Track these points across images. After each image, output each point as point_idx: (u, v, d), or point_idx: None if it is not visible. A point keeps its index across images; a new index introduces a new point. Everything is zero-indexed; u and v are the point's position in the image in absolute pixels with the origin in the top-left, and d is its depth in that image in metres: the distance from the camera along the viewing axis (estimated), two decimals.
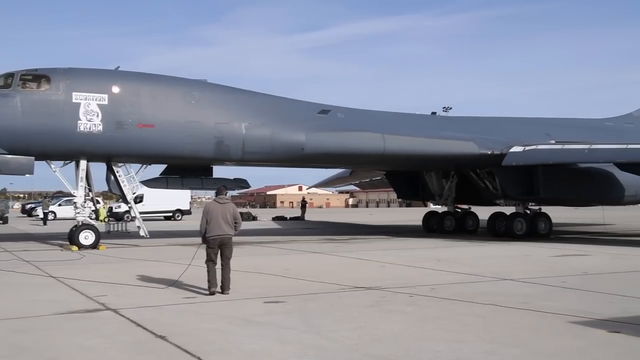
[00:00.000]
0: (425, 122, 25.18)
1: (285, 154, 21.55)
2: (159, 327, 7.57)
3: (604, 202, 26.41)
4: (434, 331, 7.35)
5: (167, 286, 10.85)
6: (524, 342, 6.78)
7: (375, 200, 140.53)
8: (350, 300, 9.58)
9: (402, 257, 16.30)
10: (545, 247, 19.24)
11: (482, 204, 27.82)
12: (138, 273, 12.68)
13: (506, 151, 23.26)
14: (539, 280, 11.63)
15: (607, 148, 22.18)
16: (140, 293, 10.40)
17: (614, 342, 6.75)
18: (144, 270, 13.21)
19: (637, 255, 16.76)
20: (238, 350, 6.53)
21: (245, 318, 8.21)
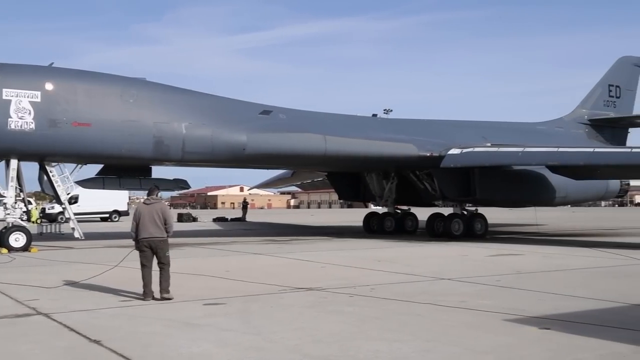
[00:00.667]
0: (366, 124, 25.47)
1: (226, 154, 21.36)
2: (93, 332, 7.35)
3: (537, 203, 27.43)
4: (373, 331, 7.43)
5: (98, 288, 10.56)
6: (460, 340, 6.94)
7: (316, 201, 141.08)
8: (291, 301, 9.58)
9: (342, 258, 16.42)
10: (481, 247, 19.77)
11: (421, 205, 28.37)
12: (71, 276, 12.27)
13: (444, 153, 23.80)
14: (475, 280, 11.94)
15: (539, 151, 23.00)
16: (73, 296, 10.07)
17: (545, 338, 7.00)
18: (77, 273, 12.80)
19: (567, 254, 17.44)
20: (176, 354, 6.41)
21: (184, 321, 8.08)
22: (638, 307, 8.85)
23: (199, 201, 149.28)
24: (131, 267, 11.12)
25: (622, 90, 34.37)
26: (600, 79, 34.29)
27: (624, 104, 34.48)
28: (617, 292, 10.28)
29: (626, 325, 7.55)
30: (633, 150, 21.98)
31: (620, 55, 34.99)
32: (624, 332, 7.22)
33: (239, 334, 7.29)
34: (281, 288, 10.82)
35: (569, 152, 22.45)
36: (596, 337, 6.90)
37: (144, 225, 9.75)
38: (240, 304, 9.31)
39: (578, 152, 22.69)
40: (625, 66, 34.84)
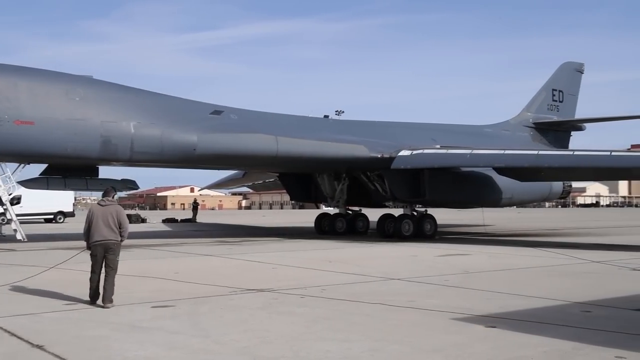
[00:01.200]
0: (318, 125, 25.54)
1: (176, 154, 21.04)
2: (35, 336, 7.12)
3: (484, 204, 28.02)
4: (323, 331, 7.44)
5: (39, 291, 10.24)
6: (409, 339, 7.03)
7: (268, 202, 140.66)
8: (241, 302, 9.50)
9: (294, 259, 16.40)
10: (430, 248, 20.08)
11: (372, 205, 28.59)
12: (12, 279, 11.83)
13: (395, 155, 24.06)
14: (424, 279, 12.11)
15: (486, 153, 23.49)
16: (14, 300, 9.73)
17: (491, 336, 7.15)
18: (18, 276, 12.35)
19: (513, 254, 17.89)
20: (122, 358, 6.28)
21: (130, 324, 7.91)
22: (579, 305, 9.14)
23: (148, 202, 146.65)
24: (76, 269, 10.83)
25: (564, 95, 35.51)
26: (544, 84, 35.35)
27: (567, 108, 35.63)
28: (560, 290, 10.60)
29: (568, 323, 7.79)
30: (575, 153, 22.72)
31: (563, 61, 36.19)
32: (566, 329, 7.45)
33: (187, 337, 7.19)
34: (231, 290, 10.72)
35: (515, 155, 23.02)
36: (540, 335, 7.10)
37: (98, 227, 9.34)
38: (189, 306, 9.19)
39: (523, 154, 23.29)
40: (568, 71, 36.02)
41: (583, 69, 36.77)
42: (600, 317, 8.30)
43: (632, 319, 8.24)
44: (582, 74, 36.77)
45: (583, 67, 36.77)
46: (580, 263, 15.14)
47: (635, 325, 7.68)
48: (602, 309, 8.88)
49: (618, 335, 7.14)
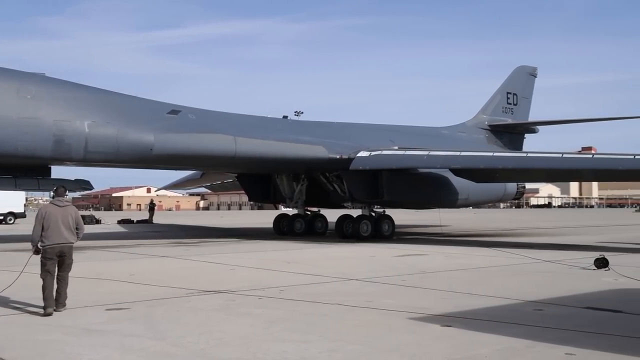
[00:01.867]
0: (277, 126, 25.47)
1: (132, 154, 20.69)
2: None
3: (441, 205, 28.44)
4: (281, 332, 7.43)
5: None
6: (366, 339, 7.07)
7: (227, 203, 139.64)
8: (199, 304, 9.41)
9: (252, 260, 16.32)
10: (388, 248, 20.25)
11: (331, 206, 28.69)
12: None
13: (353, 156, 24.20)
14: (382, 280, 12.21)
15: (443, 155, 23.84)
16: None
17: (446, 335, 7.26)
18: None
19: (469, 254, 18.20)
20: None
21: (84, 327, 7.74)
22: (532, 304, 9.36)
23: (103, 203, 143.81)
24: (28, 272, 10.51)
25: (518, 98, 36.33)
26: (499, 87, 36.09)
27: (521, 110, 36.46)
28: (514, 289, 10.83)
29: (521, 321, 7.97)
30: (528, 155, 23.25)
31: (518, 65, 37.01)
32: (519, 327, 7.62)
33: (143, 340, 7.08)
34: (188, 291, 10.60)
35: (471, 156, 23.43)
36: (494, 333, 7.24)
37: (57, 229, 8.88)
38: (145, 308, 9.04)
39: (479, 156, 23.72)
40: (522, 75, 36.86)
41: (536, 72, 37.69)
42: (552, 315, 8.52)
43: (582, 316, 8.48)
44: (536, 78, 37.69)
45: (536, 71, 37.69)
46: (533, 263, 15.51)
47: (585, 323, 7.90)
48: (554, 307, 9.11)
49: (569, 332, 7.34)
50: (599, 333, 7.27)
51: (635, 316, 8.46)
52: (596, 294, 10.46)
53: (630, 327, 7.63)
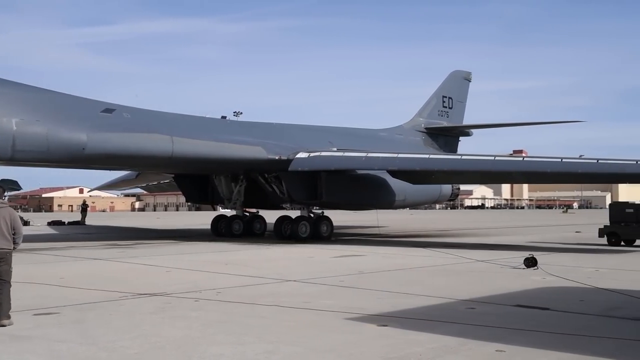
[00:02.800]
0: (215, 126, 25.18)
1: (63, 154, 20.00)
2: None
3: (378, 206, 28.82)
4: (218, 335, 7.34)
5: None
6: (304, 339, 7.08)
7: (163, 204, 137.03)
8: (132, 307, 9.18)
9: (189, 262, 16.07)
10: (326, 249, 20.36)
11: (270, 207, 28.60)
12: None
13: (292, 157, 24.21)
14: (320, 280, 12.26)
15: (381, 156, 24.19)
16: None
17: (382, 335, 7.36)
18: None
19: (405, 254, 18.52)
20: None
21: (10, 333, 7.41)
22: (465, 302, 9.61)
23: (32, 204, 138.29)
24: None
25: (454, 102, 37.26)
26: (435, 91, 36.90)
27: (456, 114, 37.40)
28: (448, 288, 11.09)
29: (454, 320, 8.17)
30: (462, 157, 23.93)
31: (453, 69, 37.95)
32: (452, 325, 7.80)
33: (73, 345, 6.85)
34: (122, 294, 10.34)
35: (408, 158, 23.86)
36: (428, 332, 7.39)
37: None
38: (75, 312, 8.75)
39: (415, 158, 24.19)
40: (457, 79, 37.82)
41: (470, 77, 38.74)
42: (484, 313, 8.77)
43: (512, 314, 8.77)
44: (470, 82, 38.74)
45: (470, 75, 38.74)
46: (467, 262, 15.93)
47: (514, 320, 8.17)
48: (485, 305, 9.38)
49: (499, 330, 7.58)
50: (527, 330, 7.53)
51: (562, 313, 8.81)
52: (525, 292, 10.84)
53: (557, 324, 7.95)
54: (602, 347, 6.72)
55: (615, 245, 21.34)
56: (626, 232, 21.52)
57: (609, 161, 20.24)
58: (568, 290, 11.07)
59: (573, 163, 21.03)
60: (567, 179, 25.06)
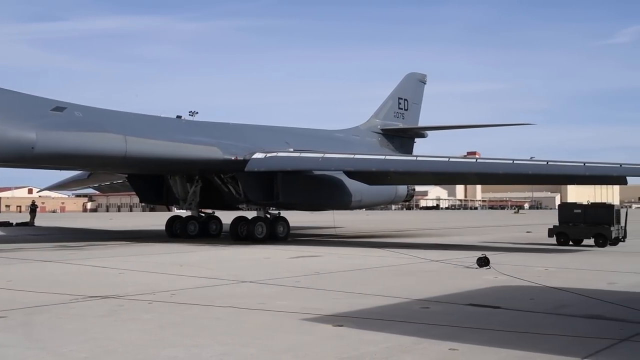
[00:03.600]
0: (171, 126, 24.82)
1: (11, 153, 19.40)
2: None
3: (335, 207, 28.95)
4: (172, 337, 7.23)
5: None
6: (259, 340, 7.04)
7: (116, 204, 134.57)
8: (83, 310, 8.96)
9: (142, 263, 15.80)
10: (283, 250, 20.32)
11: (226, 208, 28.37)
12: None
13: (249, 157, 24.07)
14: (276, 281, 12.22)
15: (337, 157, 24.29)
16: None
17: (338, 335, 7.38)
18: None
19: (361, 255, 18.64)
20: None
21: None
22: (420, 302, 9.72)
23: None
24: None
25: (409, 104, 37.69)
26: (391, 92, 37.25)
27: (411, 116, 37.85)
28: (403, 288, 11.21)
29: (409, 319, 8.25)
30: (418, 158, 24.23)
31: (409, 72, 38.39)
32: (407, 325, 7.89)
33: (20, 350, 6.63)
34: (72, 297, 10.07)
35: (364, 159, 24.02)
36: (383, 332, 7.45)
37: None
38: (23, 316, 8.48)
39: (371, 159, 24.37)
40: (412, 81, 38.27)
41: (426, 79, 39.25)
42: (438, 312, 8.89)
43: (465, 313, 8.91)
44: (425, 85, 39.25)
45: (426, 78, 39.25)
46: (421, 262, 16.13)
47: (467, 319, 8.31)
48: (439, 304, 9.51)
49: (452, 328, 7.69)
50: (480, 328, 7.67)
51: (513, 311, 9.00)
52: (478, 291, 11.04)
53: (509, 322, 8.12)
54: (552, 344, 6.89)
55: (564, 244, 21.96)
56: (574, 232, 22.17)
57: (558, 163, 20.82)
58: (519, 289, 11.33)
59: (524, 165, 21.54)
60: (518, 180, 25.65)
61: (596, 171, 20.58)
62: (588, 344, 6.83)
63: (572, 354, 6.42)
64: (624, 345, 6.88)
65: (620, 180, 21.97)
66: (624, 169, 20.23)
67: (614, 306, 9.32)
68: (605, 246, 21.20)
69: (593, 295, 10.35)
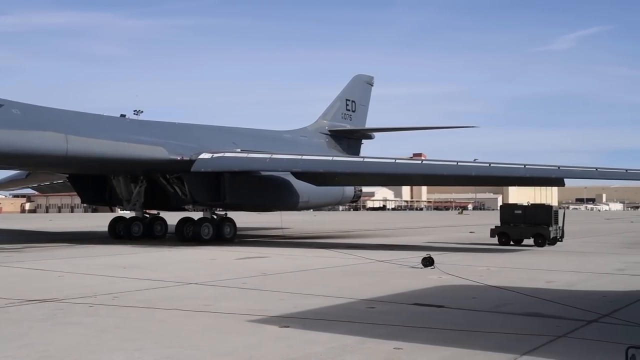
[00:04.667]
0: (114, 125, 24.24)
1: None
2: None
3: (283, 207, 28.89)
4: (113, 341, 7.06)
5: None
6: (203, 343, 6.95)
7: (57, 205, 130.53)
8: (20, 315, 8.64)
9: (84, 266, 15.37)
10: (229, 251, 20.14)
11: (171, 209, 27.90)
12: None
13: (195, 157, 23.76)
14: (222, 283, 12.10)
15: (285, 158, 24.26)
16: None
17: (284, 336, 7.36)
18: None
19: (308, 255, 18.66)
20: None
21: None
22: (365, 302, 9.81)
23: None
24: None
25: (357, 105, 37.99)
26: (338, 94, 37.46)
27: (359, 117, 38.15)
28: (349, 289, 11.28)
29: (354, 319, 8.31)
30: (365, 160, 24.46)
31: (356, 73, 38.69)
32: (352, 325, 7.94)
33: None
34: (8, 301, 9.70)
35: (311, 160, 24.08)
36: (329, 332, 7.47)
37: None
38: None
39: (319, 160, 24.44)
40: (359, 83, 38.59)
41: (373, 81, 39.65)
42: (383, 312, 8.98)
43: (410, 312, 9.04)
44: (372, 86, 39.64)
45: (373, 80, 39.64)
46: (368, 263, 16.27)
47: (411, 318, 8.43)
48: (385, 304, 9.62)
49: (397, 328, 7.79)
50: (424, 327, 7.79)
51: (456, 310, 9.19)
52: (422, 290, 11.22)
53: (451, 321, 8.28)
54: (493, 341, 7.07)
55: (505, 244, 22.57)
56: (515, 232, 22.81)
57: (500, 165, 21.40)
58: (462, 288, 11.58)
59: (467, 166, 22.04)
60: (462, 181, 26.26)
61: (535, 173, 21.26)
62: (527, 341, 7.03)
63: (512, 350, 6.59)
64: (560, 342, 7.12)
65: (559, 182, 22.79)
66: (562, 171, 20.98)
67: (551, 304, 9.63)
68: (544, 246, 21.90)
69: (532, 293, 10.67)
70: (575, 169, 21.13)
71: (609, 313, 8.88)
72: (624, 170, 20.55)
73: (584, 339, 7.22)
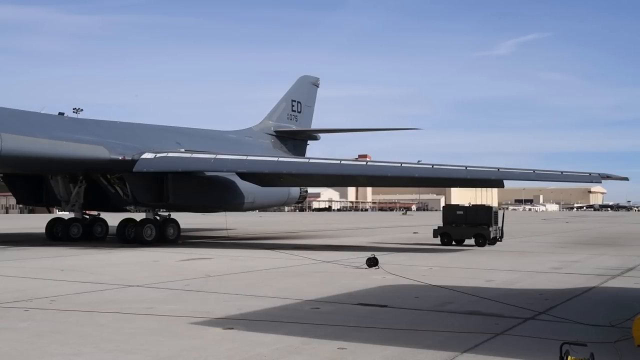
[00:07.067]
0: (52, 123, 23.46)
1: None
2: None
3: (227, 208, 28.63)
4: (50, 346, 6.83)
5: None
6: (145, 347, 6.82)
7: None
8: None
9: (19, 269, 14.82)
10: (173, 252, 19.82)
11: (112, 210, 27.23)
12: None
13: (137, 157, 23.26)
14: (165, 285, 11.90)
15: (230, 158, 24.04)
16: None
17: (228, 338, 7.30)
18: None
19: (253, 256, 18.57)
20: None
21: None
22: (310, 302, 9.83)
23: None
24: None
25: (302, 106, 38.04)
26: (284, 95, 37.43)
27: (304, 118, 38.22)
28: (294, 289, 11.29)
29: (299, 320, 8.32)
30: (310, 161, 24.54)
31: (302, 74, 38.75)
32: (297, 326, 7.94)
33: None
34: None
35: (257, 161, 23.96)
36: (273, 333, 7.45)
37: None
38: None
39: (264, 160, 24.35)
40: (305, 84, 38.66)
41: (318, 83, 39.79)
42: (327, 312, 9.03)
43: (354, 312, 9.12)
44: (318, 88, 39.78)
45: (318, 81, 39.79)
46: (313, 263, 16.32)
47: (355, 318, 8.51)
48: (329, 305, 9.66)
49: (341, 328, 7.84)
50: (367, 327, 7.87)
51: (399, 309, 9.33)
52: (366, 290, 11.34)
53: (394, 320, 8.40)
54: (434, 339, 7.21)
55: (448, 244, 23.06)
56: (457, 233, 23.34)
57: (442, 167, 21.84)
58: (405, 287, 11.76)
59: (411, 168, 22.40)
60: (406, 182, 26.64)
61: (476, 174, 21.82)
62: (467, 339, 7.20)
63: (453, 348, 6.74)
64: (499, 339, 7.32)
65: (498, 184, 23.44)
66: (501, 173, 21.61)
67: (490, 302, 9.90)
68: (484, 246, 22.48)
69: (472, 292, 10.93)
70: (514, 171, 21.78)
71: (545, 310, 9.19)
72: (559, 172, 21.32)
73: (521, 336, 7.45)
